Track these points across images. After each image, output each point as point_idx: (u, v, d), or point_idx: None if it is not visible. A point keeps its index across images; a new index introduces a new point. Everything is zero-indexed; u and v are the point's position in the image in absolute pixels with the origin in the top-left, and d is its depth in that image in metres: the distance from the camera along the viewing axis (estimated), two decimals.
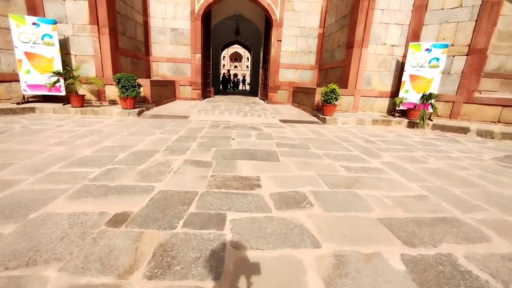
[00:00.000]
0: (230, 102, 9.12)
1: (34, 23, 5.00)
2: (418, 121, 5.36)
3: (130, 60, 6.81)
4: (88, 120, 4.59)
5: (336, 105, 5.64)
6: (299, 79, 8.79)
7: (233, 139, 3.62)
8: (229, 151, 2.97)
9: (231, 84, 23.79)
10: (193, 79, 8.51)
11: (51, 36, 5.12)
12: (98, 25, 5.47)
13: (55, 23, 5.13)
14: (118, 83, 5.09)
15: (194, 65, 8.41)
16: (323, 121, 5.52)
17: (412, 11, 6.02)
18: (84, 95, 5.29)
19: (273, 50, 8.56)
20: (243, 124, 4.86)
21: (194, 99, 8.63)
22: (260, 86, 11.23)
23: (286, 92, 8.83)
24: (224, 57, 48.80)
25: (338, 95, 5.52)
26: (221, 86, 19.08)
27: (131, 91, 5.09)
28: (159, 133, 3.83)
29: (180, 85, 8.51)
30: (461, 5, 5.52)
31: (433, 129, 5.32)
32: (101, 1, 5.37)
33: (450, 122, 5.51)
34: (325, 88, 5.58)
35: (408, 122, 5.58)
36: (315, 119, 5.90)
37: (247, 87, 25.59)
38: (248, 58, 45.49)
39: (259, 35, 12.02)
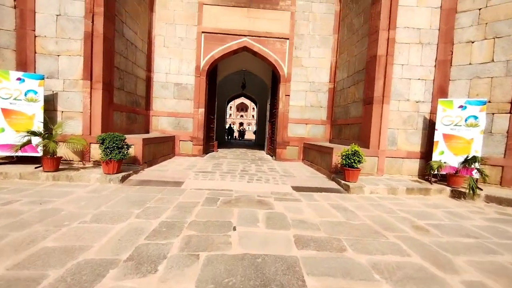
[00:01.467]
0: (234, 158, 8.29)
1: (19, 79, 4.52)
2: (465, 191, 4.31)
3: (125, 116, 6.24)
4: (56, 190, 3.69)
5: (360, 169, 4.71)
6: (309, 134, 8.07)
7: (234, 228, 2.61)
8: (225, 264, 1.93)
9: (237, 135, 24.56)
10: (194, 134, 7.86)
11: (35, 92, 4.59)
12: (91, 80, 4.99)
13: (43, 78, 4.66)
14: (102, 143, 4.34)
15: (197, 120, 7.84)
16: (346, 189, 4.51)
17: (435, 66, 5.49)
18: (61, 157, 4.51)
19: (281, 105, 8.05)
20: (248, 196, 3.87)
21: (195, 155, 7.84)
22: (267, 139, 10.55)
23: (296, 148, 8.03)
24: (230, 107, 50.62)
25: (362, 157, 4.63)
26: (226, 137, 19.68)
27: (115, 153, 4.29)
28: (135, 215, 2.85)
29: (180, 140, 7.82)
30: (492, 60, 4.95)
31: (487, 202, 4.22)
32: (97, 57, 4.99)
33: (505, 192, 4.43)
34: (346, 150, 4.72)
35: (452, 191, 4.52)
36: (334, 185, 4.90)
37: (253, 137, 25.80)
38: (253, 108, 46.89)
39: (265, 88, 11.87)
